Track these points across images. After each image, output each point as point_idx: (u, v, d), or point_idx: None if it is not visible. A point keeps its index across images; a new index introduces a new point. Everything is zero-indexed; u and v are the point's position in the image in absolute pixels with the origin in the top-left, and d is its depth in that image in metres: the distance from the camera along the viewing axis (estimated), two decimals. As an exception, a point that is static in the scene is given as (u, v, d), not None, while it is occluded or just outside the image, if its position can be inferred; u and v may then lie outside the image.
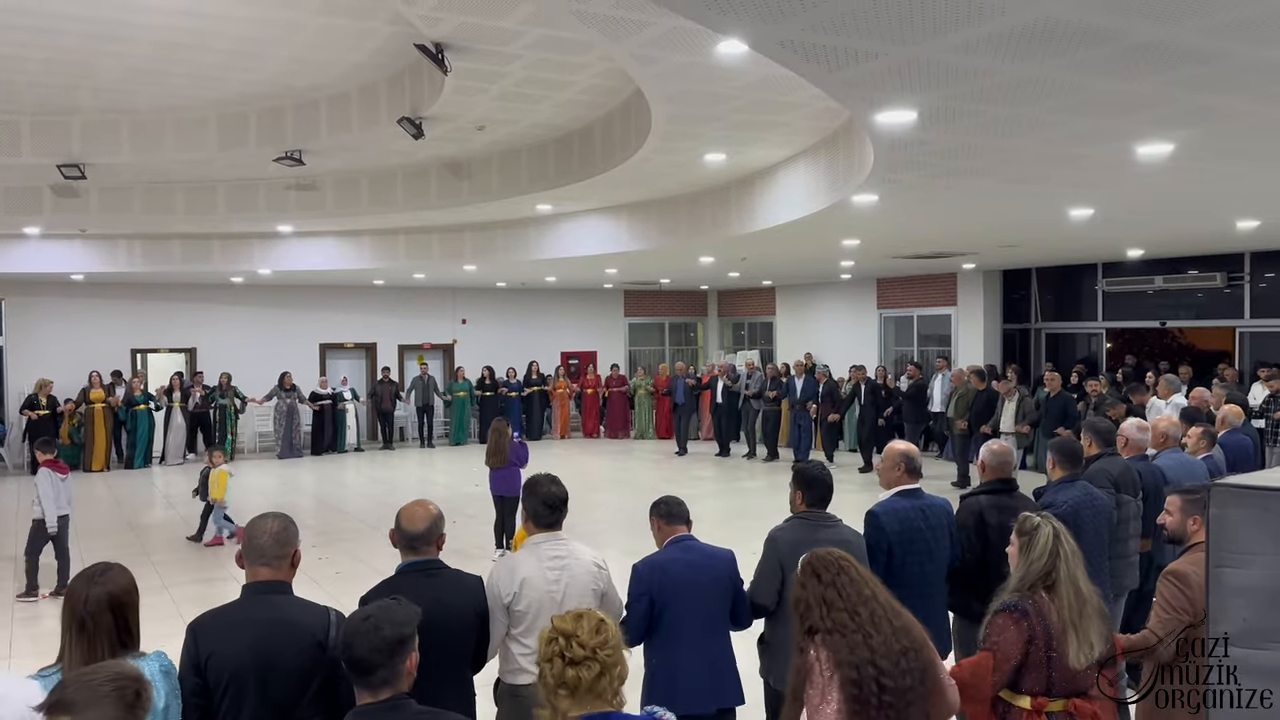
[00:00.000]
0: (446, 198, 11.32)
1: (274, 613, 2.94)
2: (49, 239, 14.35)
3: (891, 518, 4.29)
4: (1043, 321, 17.40)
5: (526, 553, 3.64)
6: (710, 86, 6.79)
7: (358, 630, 2.49)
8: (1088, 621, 3.20)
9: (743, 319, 23.29)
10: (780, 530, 4.08)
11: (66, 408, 16.19)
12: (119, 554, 8.94)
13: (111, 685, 2.12)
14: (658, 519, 4.06)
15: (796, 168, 9.37)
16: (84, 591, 2.72)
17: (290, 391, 17.85)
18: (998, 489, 4.65)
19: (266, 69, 8.18)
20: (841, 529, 4.12)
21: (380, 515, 11.61)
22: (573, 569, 3.61)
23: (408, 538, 3.40)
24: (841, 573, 2.89)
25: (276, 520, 3.09)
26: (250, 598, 3.00)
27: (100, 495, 13.87)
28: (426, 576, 3.34)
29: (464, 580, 3.46)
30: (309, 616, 2.96)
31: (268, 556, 3.01)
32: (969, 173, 7.40)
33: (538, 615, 3.46)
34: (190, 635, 2.90)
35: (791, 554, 3.70)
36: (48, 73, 8.14)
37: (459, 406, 19.49)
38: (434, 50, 6.79)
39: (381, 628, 2.48)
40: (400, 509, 3.48)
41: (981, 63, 4.51)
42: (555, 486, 3.75)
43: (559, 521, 3.73)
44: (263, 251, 15.02)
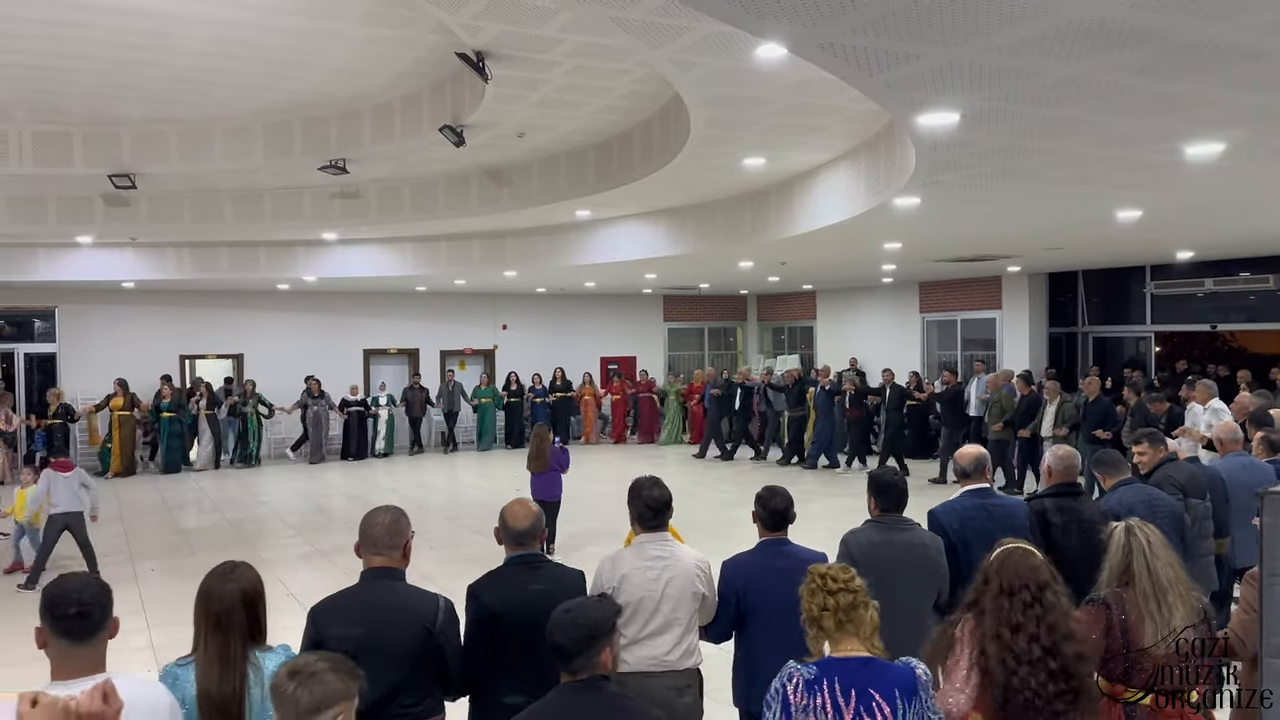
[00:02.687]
0: (487, 204, 11.41)
1: (388, 597, 3.17)
2: (101, 247, 14.68)
3: (951, 516, 4.38)
4: (1089, 325, 17.11)
5: (631, 551, 3.86)
6: (749, 90, 6.78)
7: (558, 621, 2.75)
8: (1169, 610, 3.30)
9: (783, 323, 23.17)
10: (853, 534, 4.16)
11: (85, 409, 16.45)
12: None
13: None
14: (757, 521, 4.09)
15: (836, 171, 9.31)
16: (218, 589, 2.85)
17: (319, 399, 17.98)
18: (1063, 492, 4.71)
19: (310, 79, 8.30)
20: (917, 532, 4.18)
21: (421, 519, 11.72)
22: (674, 568, 3.78)
23: (513, 534, 3.60)
24: (1017, 578, 3.11)
25: (388, 513, 3.33)
26: (367, 583, 3.24)
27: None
28: (531, 569, 3.56)
29: (566, 572, 3.66)
30: (419, 602, 3.21)
31: (380, 546, 3.26)
32: (1013, 174, 7.30)
33: (636, 609, 3.70)
34: (310, 618, 3.13)
35: (863, 555, 3.91)
36: (98, 85, 8.33)
37: (484, 413, 19.58)
38: (475, 58, 6.85)
39: (577, 622, 2.71)
40: (503, 508, 3.69)
41: (1025, 63, 4.45)
42: (658, 490, 3.92)
43: (663, 523, 3.90)
44: (308, 259, 15.25)
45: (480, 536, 10.25)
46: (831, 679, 2.70)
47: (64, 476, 8.99)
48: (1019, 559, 3.15)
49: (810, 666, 2.76)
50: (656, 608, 3.72)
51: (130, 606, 8.36)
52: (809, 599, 2.89)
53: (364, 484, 15.50)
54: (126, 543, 10.81)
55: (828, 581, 2.88)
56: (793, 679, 2.74)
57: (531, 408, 19.61)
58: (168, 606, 8.07)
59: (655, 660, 3.72)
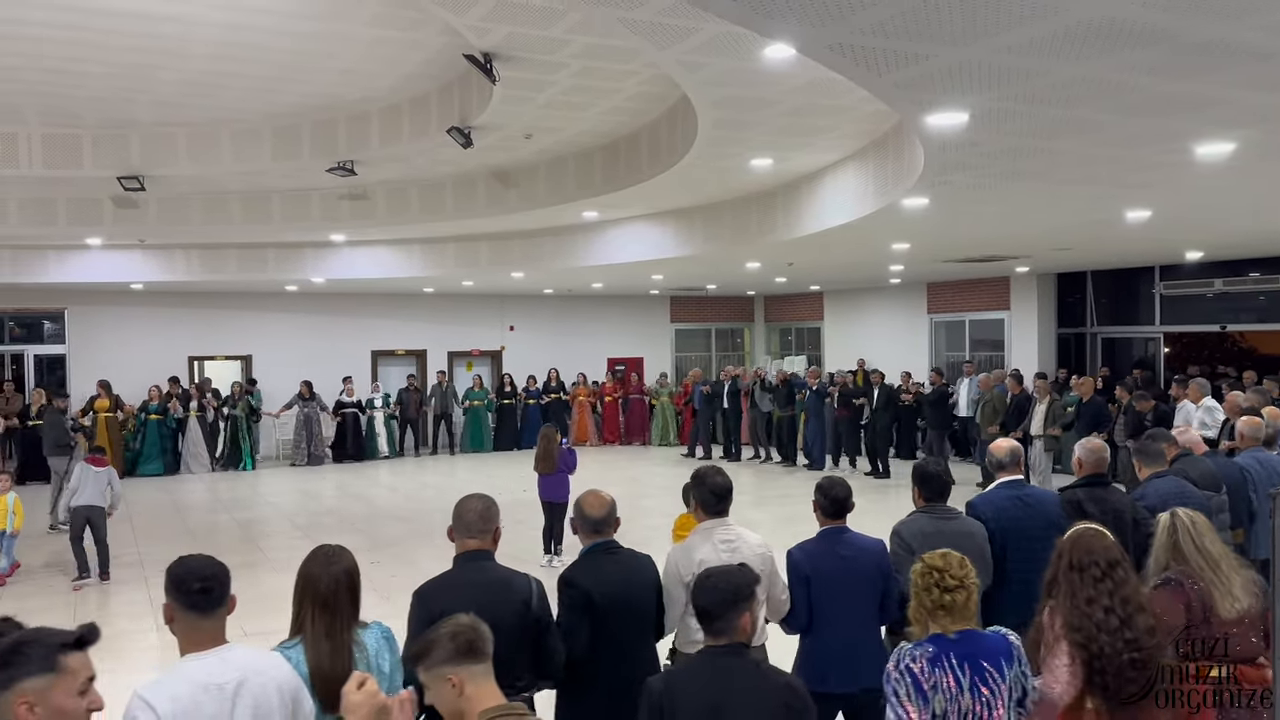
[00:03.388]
0: (494, 206, 11.42)
1: (488, 576, 3.39)
2: (110, 249, 14.73)
3: (989, 507, 4.54)
4: (1098, 326, 17.05)
5: (700, 537, 3.99)
6: (757, 91, 6.77)
7: (702, 586, 2.94)
8: (1226, 578, 3.44)
9: (790, 324, 23.15)
10: (904, 523, 4.35)
11: (77, 414, 16.19)
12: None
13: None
14: (818, 510, 4.24)
15: (844, 171, 9.30)
16: (323, 572, 3.01)
17: (310, 400, 17.89)
18: (1094, 482, 4.89)
19: (319, 81, 8.32)
20: (963, 520, 4.38)
21: (427, 521, 11.73)
22: (742, 551, 3.93)
23: (591, 523, 3.80)
24: (1088, 555, 3.26)
25: (480, 500, 3.52)
26: (464, 564, 3.45)
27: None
28: (609, 555, 3.77)
29: (639, 558, 3.87)
30: (516, 580, 3.42)
31: (474, 530, 3.47)
32: (1022, 175, 7.28)
33: None
34: (418, 599, 3.32)
35: (916, 544, 4.08)
36: (107, 88, 8.36)
37: (475, 415, 19.51)
38: (483, 60, 6.86)
39: (719, 586, 2.89)
40: (580, 499, 3.86)
41: (1034, 63, 4.44)
42: (720, 477, 4.09)
43: (726, 509, 4.07)
44: (316, 260, 15.28)
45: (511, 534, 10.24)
46: (949, 654, 2.92)
47: (95, 471, 9.17)
48: (1090, 538, 3.30)
49: (926, 645, 2.94)
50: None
51: (139, 608, 8.39)
52: (923, 594, 3.00)
53: (362, 487, 15.52)
54: (135, 543, 10.84)
55: (945, 578, 2.99)
56: (916, 659, 2.91)
57: (525, 409, 19.61)
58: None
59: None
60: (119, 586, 9.05)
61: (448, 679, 2.41)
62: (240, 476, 16.68)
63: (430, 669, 2.44)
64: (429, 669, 2.45)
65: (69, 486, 9.38)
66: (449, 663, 2.43)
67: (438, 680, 2.43)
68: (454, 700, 2.42)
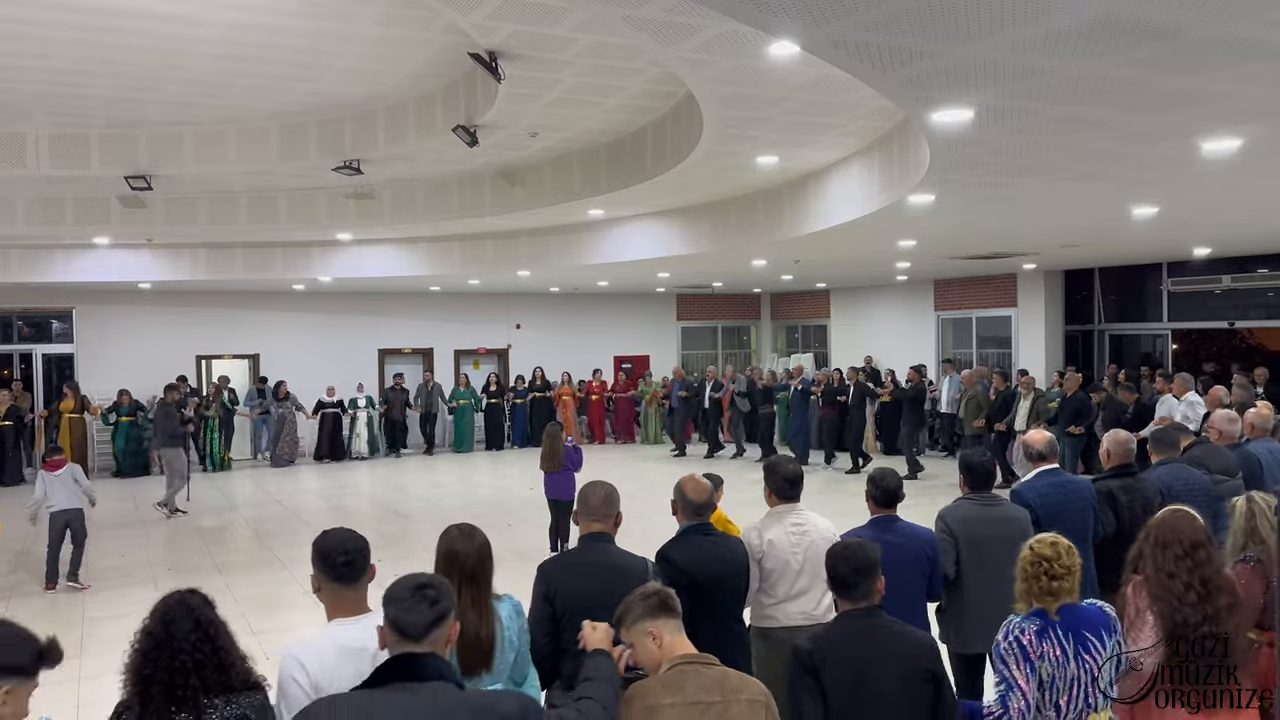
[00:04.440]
0: (500, 204, 11.43)
1: (607, 559, 3.64)
2: (117, 248, 14.77)
3: (1033, 493, 4.77)
4: (1106, 323, 17.01)
5: (772, 519, 4.28)
6: (762, 89, 6.77)
7: (838, 555, 3.22)
8: None
9: (796, 322, 23.12)
10: (949, 510, 4.56)
11: (41, 415, 16.33)
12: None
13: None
14: (870, 500, 4.43)
15: (850, 169, 9.29)
16: (466, 548, 3.21)
17: (284, 401, 17.83)
18: (1123, 472, 5.15)
19: (325, 80, 8.33)
20: (1006, 507, 4.59)
21: (437, 519, 11.77)
22: (812, 535, 4.20)
23: (693, 506, 4.07)
24: (1172, 534, 3.43)
25: (603, 487, 3.79)
26: (588, 545, 3.71)
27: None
28: (706, 536, 4.05)
29: (730, 539, 4.18)
30: (632, 562, 3.67)
31: (598, 514, 3.72)
32: (1028, 171, 7.27)
33: (783, 573, 4.17)
34: (541, 574, 3.58)
35: (961, 529, 4.40)
36: (115, 87, 8.38)
37: (461, 414, 19.46)
38: (488, 59, 6.86)
39: (851, 556, 3.17)
40: (682, 483, 4.13)
41: (1040, 61, 4.43)
42: (793, 465, 4.41)
43: (798, 495, 4.35)
44: (323, 259, 15.30)
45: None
46: (1054, 626, 3.14)
47: (56, 475, 8.97)
48: (1177, 518, 3.47)
49: (1033, 618, 3.16)
50: (801, 569, 4.16)
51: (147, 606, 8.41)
52: (1032, 581, 3.19)
53: (339, 486, 15.54)
54: (147, 545, 10.89)
55: (1054, 567, 3.18)
56: (1025, 631, 3.13)
57: (511, 409, 19.58)
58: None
59: (805, 614, 4.15)
60: (132, 588, 9.07)
61: (649, 632, 2.75)
62: (212, 478, 16.48)
63: (631, 626, 2.78)
64: (630, 626, 2.78)
65: (35, 498, 9.00)
66: (646, 618, 2.76)
67: (639, 635, 2.77)
68: (654, 651, 2.74)
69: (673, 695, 2.62)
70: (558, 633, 3.46)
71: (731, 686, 2.70)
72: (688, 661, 2.71)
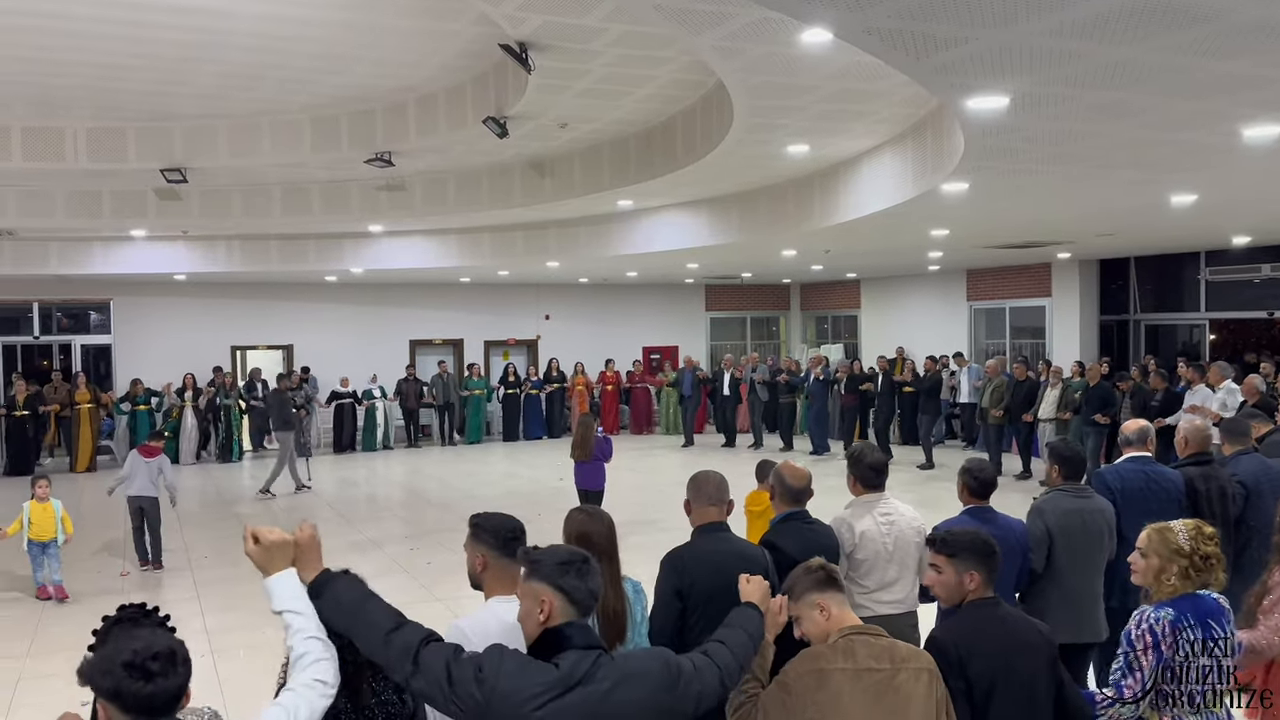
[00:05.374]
0: (530, 196, 11.46)
1: (730, 547, 3.64)
2: (154, 241, 14.97)
3: (1116, 477, 4.85)
4: (1142, 313, 16.76)
5: (861, 509, 4.23)
6: (793, 77, 6.72)
7: (980, 545, 3.16)
8: None
9: (826, 312, 23.00)
10: (1045, 501, 4.54)
11: (52, 408, 16.38)
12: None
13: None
14: (965, 490, 4.43)
15: (882, 157, 9.21)
16: (596, 528, 3.31)
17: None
18: (1201, 460, 5.18)
19: (355, 72, 8.38)
20: (1096, 499, 4.57)
21: (466, 508, 11.82)
22: (899, 525, 4.19)
23: (793, 492, 4.06)
24: None
25: (716, 474, 3.80)
26: (710, 535, 3.66)
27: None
28: (805, 523, 4.04)
29: (826, 527, 4.11)
30: (754, 551, 3.71)
31: (714, 500, 3.71)
32: (1064, 159, 7.18)
33: (874, 562, 4.12)
34: (673, 568, 3.53)
35: (1057, 523, 4.37)
36: (149, 80, 8.48)
37: (476, 405, 19.49)
38: (518, 49, 6.87)
39: (970, 538, 3.15)
40: (780, 469, 4.15)
41: (1076, 46, 4.37)
42: (877, 454, 4.37)
43: (883, 483, 4.31)
44: (355, 251, 15.42)
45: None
46: (1186, 615, 3.15)
47: (146, 461, 9.22)
48: None
49: (1165, 608, 3.16)
50: (890, 558, 4.13)
51: (185, 592, 8.56)
52: (1179, 580, 3.18)
53: (365, 476, 15.65)
54: (181, 532, 11.05)
55: (1210, 562, 3.20)
56: (1159, 621, 3.13)
57: (526, 399, 19.64)
58: (220, 592, 8.28)
59: (897, 603, 4.13)
60: (170, 574, 9.21)
61: (816, 604, 2.81)
62: (231, 468, 16.69)
63: (799, 599, 2.84)
64: (798, 599, 2.85)
65: (119, 474, 9.41)
66: (814, 590, 2.83)
67: (807, 607, 2.82)
68: (822, 623, 2.80)
69: (845, 661, 2.68)
70: (684, 628, 3.44)
71: (900, 655, 2.74)
72: (858, 631, 2.77)
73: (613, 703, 2.23)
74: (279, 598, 2.33)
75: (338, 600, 2.34)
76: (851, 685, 2.64)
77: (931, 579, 3.20)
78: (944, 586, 3.16)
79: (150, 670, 2.00)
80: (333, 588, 2.35)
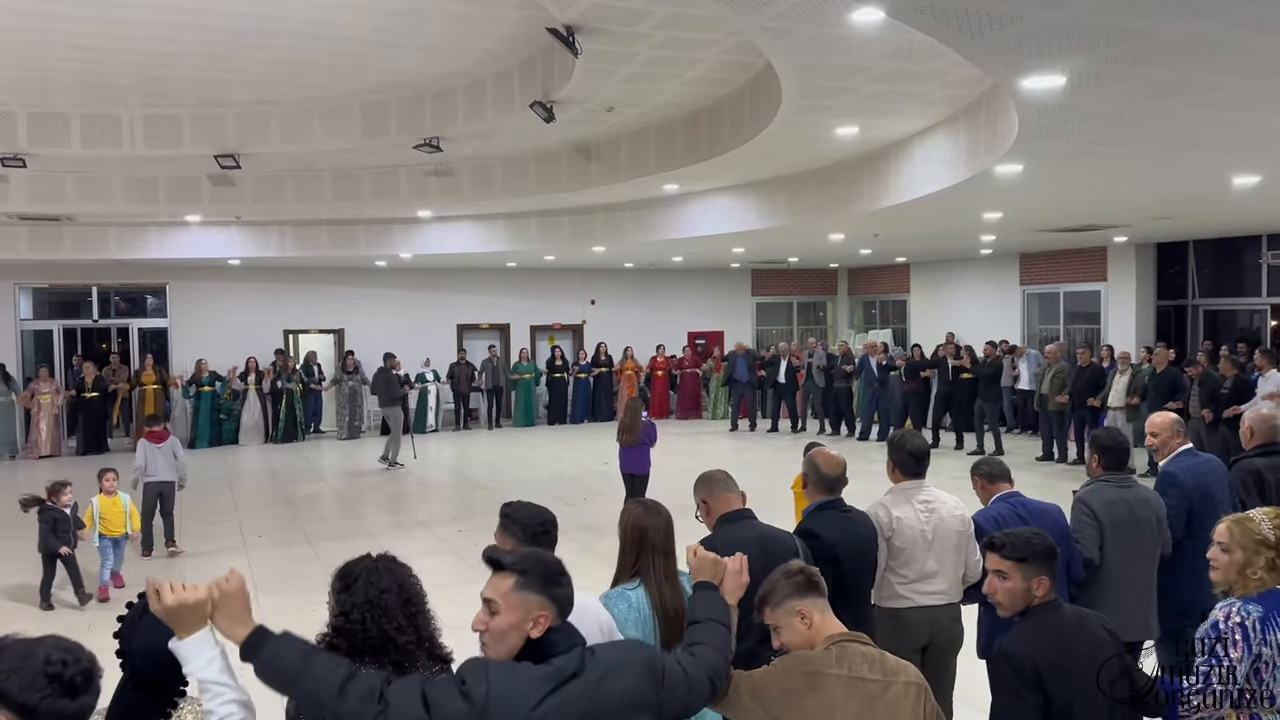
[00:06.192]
0: (576, 180, 11.47)
1: (755, 531, 3.55)
2: (208, 226, 15.25)
3: (1188, 474, 4.68)
4: (1200, 298, 16.35)
5: (900, 496, 4.13)
6: (843, 58, 6.63)
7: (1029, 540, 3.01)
8: None
9: (874, 297, 22.76)
10: (1088, 492, 4.42)
11: (122, 387, 16.89)
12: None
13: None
14: (980, 479, 4.43)
15: (934, 138, 9.07)
16: (654, 522, 3.28)
17: (353, 374, 18.16)
18: (1270, 451, 5.03)
19: (404, 58, 8.44)
20: (1141, 488, 4.46)
21: (513, 491, 11.93)
22: (939, 513, 4.08)
23: (827, 480, 3.97)
24: None
25: (718, 469, 3.76)
26: (733, 522, 3.59)
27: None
28: (841, 512, 3.95)
29: (863, 516, 4.01)
30: (782, 533, 3.64)
31: (731, 488, 3.68)
32: (1122, 140, 7.01)
33: (913, 551, 4.02)
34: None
35: (1104, 513, 4.24)
36: (202, 68, 8.62)
37: (526, 389, 19.57)
38: (565, 33, 6.86)
39: (1036, 541, 2.97)
40: (814, 456, 4.03)
41: (1136, 23, 4.26)
42: (919, 440, 4.26)
43: (924, 471, 4.20)
44: (404, 236, 15.58)
45: (591, 506, 10.35)
46: (1275, 614, 3.00)
47: (159, 447, 9.26)
48: None
49: (1253, 605, 2.99)
50: (930, 547, 4.04)
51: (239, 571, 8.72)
52: (1266, 573, 3.01)
53: (411, 458, 15.81)
54: (236, 511, 11.28)
55: None
56: (1249, 615, 2.97)
57: (574, 384, 19.68)
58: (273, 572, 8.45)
59: (939, 594, 4.05)
60: (225, 554, 9.40)
61: (797, 611, 2.64)
62: (298, 448, 17.05)
63: (777, 606, 2.66)
64: (775, 607, 2.66)
65: (137, 465, 9.25)
66: (794, 597, 2.65)
67: (787, 615, 2.65)
68: (804, 632, 2.64)
69: (839, 667, 2.55)
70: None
71: (890, 668, 2.61)
72: (848, 639, 2.63)
73: (604, 690, 2.19)
74: (193, 664, 2.08)
75: (277, 660, 2.11)
76: (845, 693, 2.52)
77: (995, 586, 2.97)
78: (1009, 594, 2.93)
79: (76, 685, 1.76)
80: (271, 647, 2.12)
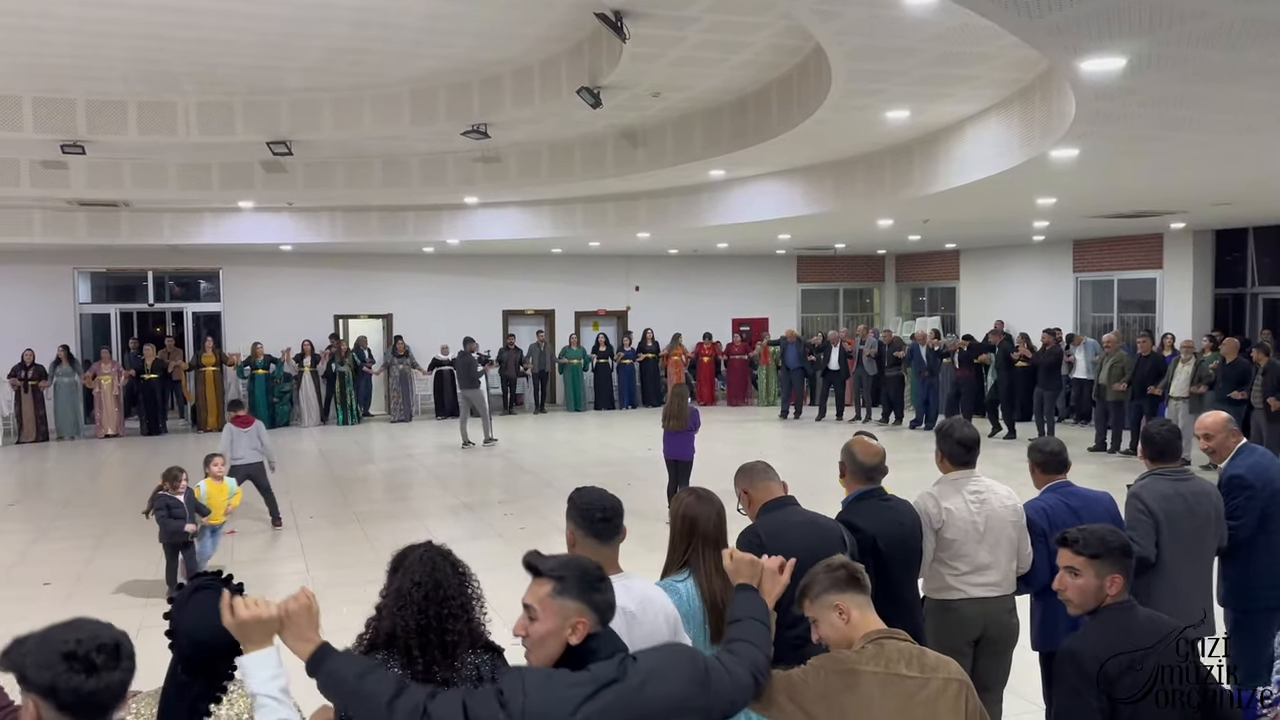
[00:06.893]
0: (622, 166, 11.46)
1: (799, 517, 3.52)
2: (260, 212, 15.49)
3: (1255, 474, 4.53)
4: (1260, 286, 15.92)
5: (949, 487, 4.06)
6: (895, 40, 6.54)
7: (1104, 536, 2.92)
8: None
9: (922, 284, 22.48)
10: (1143, 486, 4.29)
11: (181, 367, 17.36)
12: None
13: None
14: (1035, 466, 4.33)
15: (987, 122, 8.92)
16: (705, 512, 3.26)
17: (403, 358, 18.40)
18: None
19: (454, 45, 8.47)
20: (1197, 481, 4.33)
21: (558, 475, 12.02)
22: (991, 503, 4.00)
23: (865, 469, 3.89)
24: None
25: (757, 460, 3.70)
26: (776, 510, 3.52)
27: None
28: (882, 501, 3.87)
29: (906, 504, 3.92)
30: (826, 520, 3.59)
31: (772, 477, 3.64)
32: (1182, 124, 6.84)
33: (964, 543, 3.95)
34: (744, 544, 3.29)
35: (1159, 507, 4.09)
36: (257, 56, 8.73)
37: (573, 374, 19.62)
38: (613, 18, 6.84)
39: (1111, 537, 2.89)
40: (853, 444, 3.96)
41: (1198, 4, 4.15)
42: (968, 429, 4.17)
43: (974, 460, 4.12)
44: (451, 222, 15.71)
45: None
46: None
47: (244, 431, 9.57)
48: None
49: None
50: (982, 539, 3.96)
51: (290, 550, 8.91)
52: None
53: (458, 442, 15.96)
54: (289, 494, 11.48)
55: None
56: None
57: (619, 369, 19.71)
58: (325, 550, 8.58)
59: (992, 585, 3.98)
60: (274, 533, 9.59)
61: (835, 606, 2.59)
62: (349, 430, 17.37)
63: (816, 599, 2.62)
64: (814, 600, 2.62)
65: (221, 448, 9.39)
66: (833, 591, 2.60)
67: (825, 609, 2.60)
68: (841, 627, 2.59)
69: (876, 664, 2.51)
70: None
71: (929, 664, 2.56)
72: (886, 636, 2.58)
73: (645, 696, 2.16)
74: (255, 679, 2.16)
75: (334, 675, 2.22)
76: (883, 690, 2.48)
77: (1065, 583, 2.87)
78: (1081, 592, 2.82)
79: (94, 663, 1.79)
80: (330, 664, 2.23)
